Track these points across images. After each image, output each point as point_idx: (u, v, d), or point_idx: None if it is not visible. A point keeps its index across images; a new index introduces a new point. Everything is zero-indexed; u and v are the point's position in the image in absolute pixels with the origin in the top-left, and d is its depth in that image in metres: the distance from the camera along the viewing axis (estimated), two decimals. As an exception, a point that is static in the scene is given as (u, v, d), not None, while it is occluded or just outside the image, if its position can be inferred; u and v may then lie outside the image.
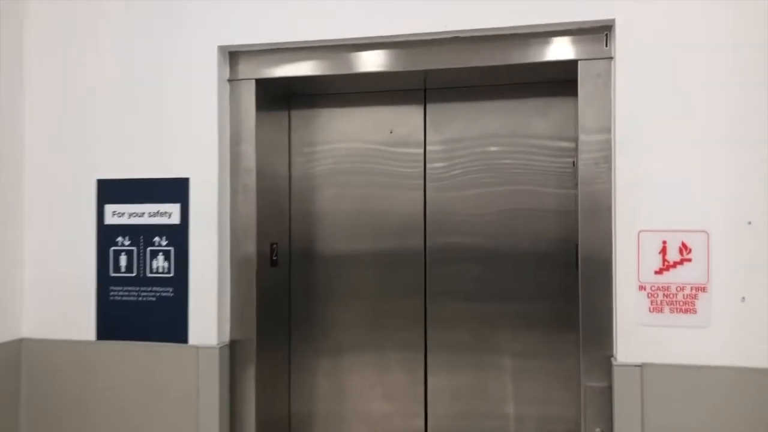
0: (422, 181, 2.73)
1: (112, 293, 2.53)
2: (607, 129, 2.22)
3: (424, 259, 2.72)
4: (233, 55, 2.52)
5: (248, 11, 2.44)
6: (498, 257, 2.66)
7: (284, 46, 2.46)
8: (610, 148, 2.22)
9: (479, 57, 2.34)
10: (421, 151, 2.74)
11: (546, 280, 2.63)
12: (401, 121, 2.78)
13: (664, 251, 2.12)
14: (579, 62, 2.26)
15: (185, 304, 2.47)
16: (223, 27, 2.46)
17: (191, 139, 2.46)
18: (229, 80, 2.52)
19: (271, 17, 2.42)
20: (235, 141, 2.52)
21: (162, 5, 2.50)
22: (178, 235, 2.47)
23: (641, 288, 2.13)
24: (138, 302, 2.51)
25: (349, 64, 2.44)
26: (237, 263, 2.52)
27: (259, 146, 2.53)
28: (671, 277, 2.12)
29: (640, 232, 2.13)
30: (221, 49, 2.47)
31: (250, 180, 2.50)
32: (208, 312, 2.45)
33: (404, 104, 2.77)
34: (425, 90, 2.74)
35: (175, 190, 2.47)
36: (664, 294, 2.12)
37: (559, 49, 2.28)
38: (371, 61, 2.42)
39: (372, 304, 2.79)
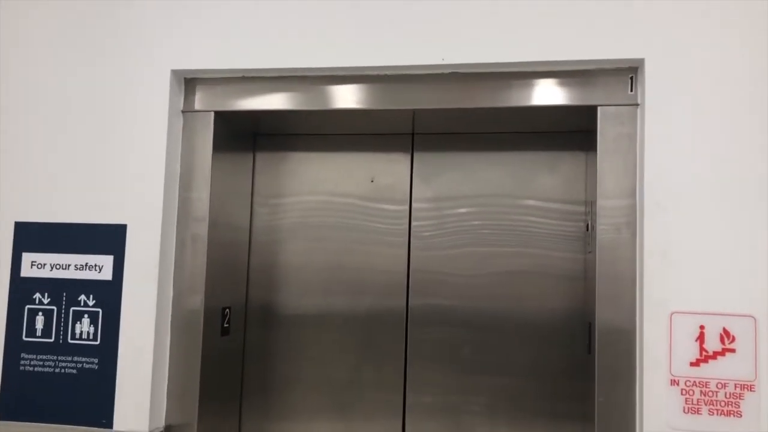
0: (407, 239, 2.34)
1: (22, 362, 2.06)
2: (632, 189, 1.86)
3: (406, 323, 2.31)
4: (189, 83, 2.13)
5: (210, 31, 2.06)
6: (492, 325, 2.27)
7: (251, 74, 2.08)
8: (634, 212, 1.86)
9: (478, 97, 1.99)
10: (407, 206, 2.35)
11: (548, 355, 2.23)
12: (384, 170, 2.39)
13: (701, 338, 1.74)
14: (599, 108, 1.91)
15: (112, 380, 2.00)
16: (179, 49, 2.07)
17: (133, 178, 2.05)
18: (184, 111, 2.12)
19: (237, 40, 2.05)
20: (186, 183, 2.10)
21: (106, 20, 2.11)
22: (109, 293, 2.03)
23: (673, 383, 1.74)
24: (54, 375, 2.04)
25: (326, 99, 2.06)
26: (179, 330, 2.07)
27: (214, 191, 2.11)
28: (710, 370, 1.73)
29: (672, 313, 1.75)
30: (175, 74, 2.08)
31: (201, 231, 2.08)
32: (141, 390, 1.99)
33: (388, 151, 2.40)
34: (413, 135, 2.37)
35: (109, 238, 2.04)
36: (701, 391, 1.73)
37: (575, 93, 1.94)
38: (353, 97, 2.05)
39: (342, 372, 2.36)
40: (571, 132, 2.22)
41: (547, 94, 1.95)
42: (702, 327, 1.74)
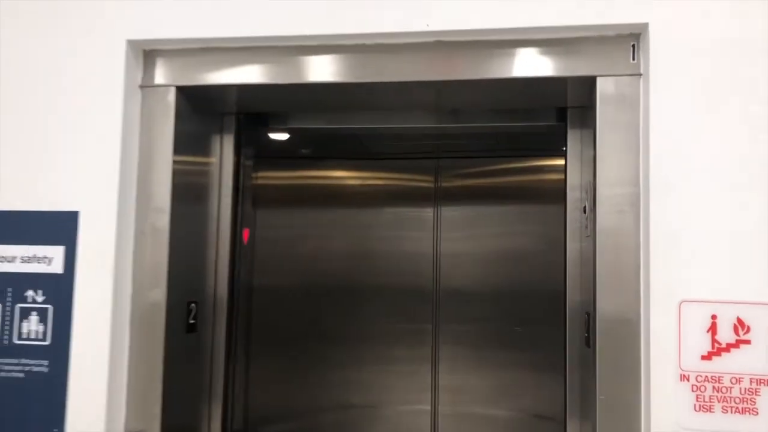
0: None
1: (-36, 365, 1.86)
2: (635, 167, 1.70)
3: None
4: (149, 55, 1.93)
5: (170, -3, 1.87)
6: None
7: (216, 45, 1.88)
8: (638, 192, 1.70)
9: (465, 69, 1.81)
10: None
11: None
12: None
13: (713, 329, 1.59)
14: (597, 79, 1.75)
15: (64, 383, 1.81)
16: (136, 17, 1.87)
17: (85, 160, 1.85)
18: (142, 87, 1.93)
19: (201, 6, 1.85)
20: (145, 166, 1.91)
21: (54, -16, 1.90)
22: (60, 288, 1.83)
23: (683, 378, 1.59)
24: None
25: (299, 71, 1.87)
26: (139, 327, 1.88)
27: (177, 175, 1.92)
28: (724, 364, 1.58)
29: (681, 302, 1.60)
30: (132, 45, 1.88)
31: (162, 219, 1.89)
32: (96, 394, 1.80)
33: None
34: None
35: (59, 227, 1.84)
36: (714, 387, 1.58)
37: (571, 62, 1.77)
38: (328, 69, 1.86)
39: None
40: (565, 107, 2.05)
41: (540, 64, 1.78)
42: (714, 317, 1.58)
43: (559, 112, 2.07)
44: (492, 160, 3.06)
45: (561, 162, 2.10)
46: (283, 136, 2.64)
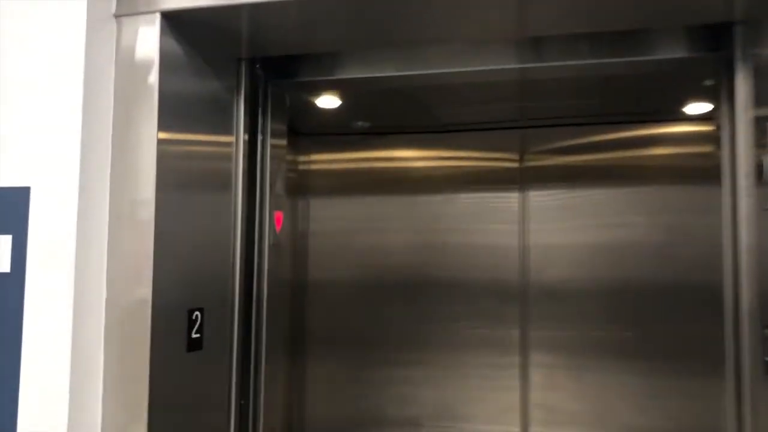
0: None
1: None
2: None
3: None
4: (125, -26, 1.43)
5: None
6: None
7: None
8: None
9: None
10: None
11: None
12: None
13: None
14: None
15: (13, 419, 1.32)
16: None
17: (37, 121, 1.36)
18: (117, 16, 1.42)
19: None
20: (122, 123, 1.40)
21: None
22: (6, 291, 1.35)
23: None
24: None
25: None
26: (115, 344, 1.37)
27: (164, 142, 1.41)
28: None
29: None
30: (100, -42, 1.38)
31: (146, 194, 1.37)
32: (53, 435, 1.31)
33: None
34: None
35: (5, 210, 1.35)
36: None
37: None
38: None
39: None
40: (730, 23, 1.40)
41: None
42: None
43: (714, 33, 1.41)
44: (596, 129, 2.42)
45: (705, 126, 1.46)
46: (326, 101, 2.11)
